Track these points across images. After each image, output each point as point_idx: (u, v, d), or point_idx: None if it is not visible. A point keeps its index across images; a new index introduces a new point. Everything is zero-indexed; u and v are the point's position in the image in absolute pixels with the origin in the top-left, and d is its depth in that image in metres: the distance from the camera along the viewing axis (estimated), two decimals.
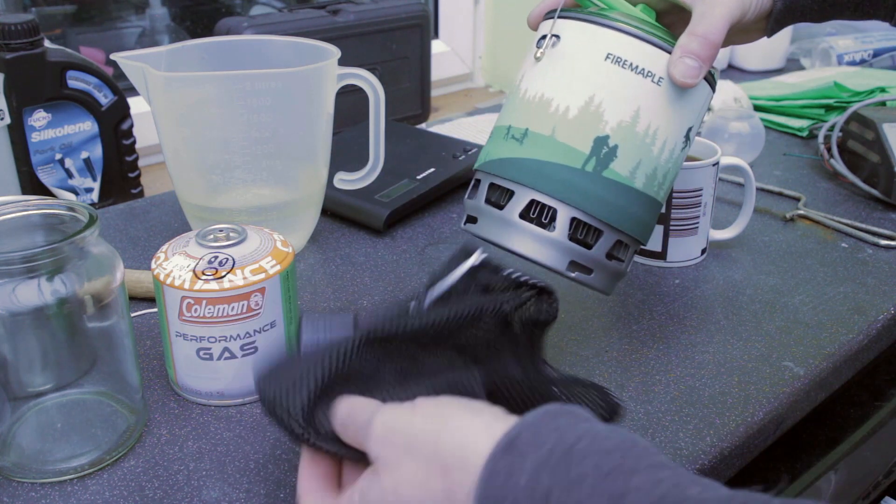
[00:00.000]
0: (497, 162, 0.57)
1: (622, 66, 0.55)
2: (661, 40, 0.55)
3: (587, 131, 0.55)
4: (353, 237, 0.85)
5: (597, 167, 0.54)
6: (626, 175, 0.55)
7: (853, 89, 1.19)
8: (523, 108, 0.57)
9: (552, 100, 0.55)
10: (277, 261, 0.59)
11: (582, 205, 0.55)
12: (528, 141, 0.55)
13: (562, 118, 0.55)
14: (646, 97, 0.55)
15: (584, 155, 0.54)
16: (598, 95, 0.55)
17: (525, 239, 0.56)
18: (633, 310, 0.72)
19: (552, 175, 0.55)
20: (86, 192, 0.97)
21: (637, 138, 0.55)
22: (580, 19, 0.56)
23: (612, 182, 0.55)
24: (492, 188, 0.57)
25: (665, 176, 0.57)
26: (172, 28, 1.46)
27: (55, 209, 0.54)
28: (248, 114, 0.72)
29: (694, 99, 0.57)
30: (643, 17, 0.57)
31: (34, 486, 0.53)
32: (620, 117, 0.55)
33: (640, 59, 0.55)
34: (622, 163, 0.55)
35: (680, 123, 0.57)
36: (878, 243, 0.83)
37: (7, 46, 0.87)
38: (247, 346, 0.58)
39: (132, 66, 0.72)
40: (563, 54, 0.56)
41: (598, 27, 0.56)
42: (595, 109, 0.55)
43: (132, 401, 0.57)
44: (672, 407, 0.60)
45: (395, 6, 1.18)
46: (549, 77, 0.56)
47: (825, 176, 1.01)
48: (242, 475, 0.54)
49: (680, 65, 0.54)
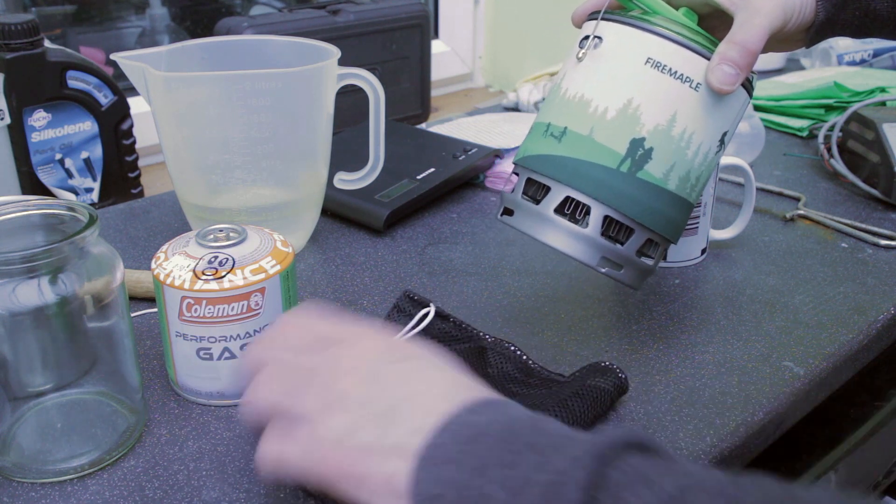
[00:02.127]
0: (535, 158, 0.58)
1: (661, 71, 0.56)
2: (700, 46, 0.56)
3: (624, 133, 0.56)
4: (353, 237, 0.85)
5: (632, 168, 0.56)
6: (659, 177, 0.57)
7: (853, 89, 1.19)
8: (563, 107, 0.58)
9: (591, 100, 0.57)
10: (277, 261, 0.59)
11: (615, 203, 0.56)
12: (567, 139, 0.57)
13: (600, 119, 0.56)
14: (683, 102, 0.56)
15: (619, 156, 0.56)
16: (636, 98, 0.56)
17: (559, 234, 0.57)
18: (633, 310, 0.72)
19: (588, 174, 0.56)
20: (86, 192, 0.97)
21: (672, 142, 0.56)
22: (623, 22, 0.58)
23: (645, 183, 0.56)
24: (529, 183, 0.59)
25: (698, 178, 0.59)
26: (172, 28, 1.46)
27: (55, 209, 0.54)
28: (248, 114, 0.72)
29: (730, 105, 0.58)
30: (684, 22, 0.57)
31: (34, 486, 0.53)
32: (657, 120, 0.56)
33: (679, 64, 0.56)
34: (656, 165, 0.56)
35: (715, 128, 0.58)
36: (878, 243, 0.83)
37: (7, 46, 0.87)
38: (247, 346, 0.58)
39: (132, 66, 0.72)
40: (605, 56, 0.58)
41: (640, 31, 0.57)
42: (633, 112, 0.56)
43: (132, 401, 0.57)
44: (672, 407, 0.60)
45: (395, 6, 1.18)
46: (590, 78, 0.58)
47: (825, 176, 1.01)
48: (242, 475, 0.53)
49: (718, 72, 0.55)
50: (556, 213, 0.57)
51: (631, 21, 0.57)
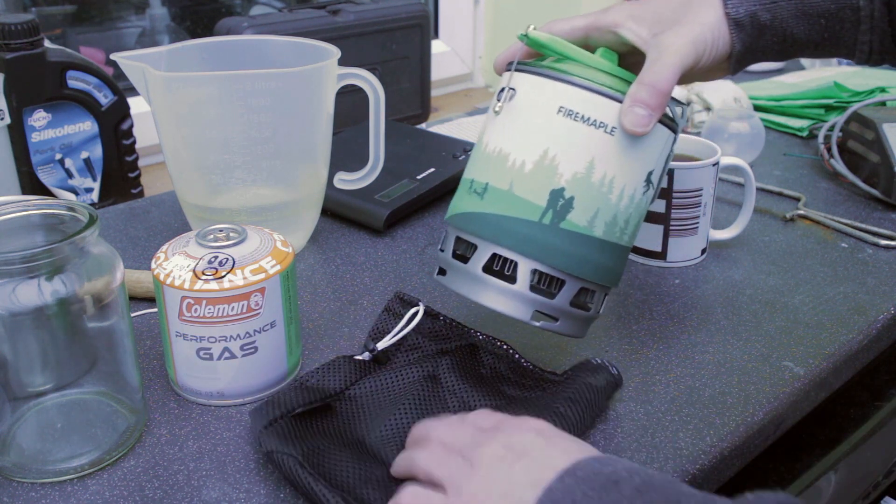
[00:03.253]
0: (462, 216, 0.58)
1: (574, 119, 0.55)
2: (610, 90, 0.56)
3: (543, 184, 0.55)
4: (353, 237, 0.85)
5: (554, 219, 0.55)
6: (584, 225, 0.56)
7: (853, 89, 1.19)
8: (484, 163, 0.58)
9: (509, 154, 0.57)
10: (277, 261, 0.59)
11: (541, 257, 0.56)
12: (489, 195, 0.57)
13: (518, 172, 0.56)
14: (599, 147, 0.55)
15: (540, 208, 0.55)
16: (552, 149, 0.55)
17: (489, 292, 0.57)
18: (633, 310, 0.72)
19: (511, 229, 0.56)
20: (86, 192, 0.97)
21: (593, 188, 0.56)
22: (532, 72, 0.57)
23: (570, 233, 0.56)
24: (458, 241, 0.59)
25: (627, 221, 0.58)
26: (172, 28, 1.46)
27: (55, 209, 0.54)
28: (248, 114, 0.72)
29: (651, 145, 0.57)
30: (599, 65, 0.57)
31: (34, 486, 0.53)
32: (575, 169, 0.55)
33: (590, 110, 0.55)
34: (579, 213, 0.56)
35: (638, 169, 0.57)
36: (878, 243, 0.83)
37: (7, 46, 0.87)
38: (247, 346, 0.58)
39: (132, 66, 0.72)
40: (519, 108, 0.57)
41: (549, 80, 0.56)
42: (549, 163, 0.55)
43: (132, 401, 0.57)
44: (672, 407, 0.60)
45: (395, 6, 1.18)
46: (507, 131, 0.57)
47: (825, 176, 1.01)
48: (242, 475, 0.54)
49: (630, 114, 0.55)
50: (485, 272, 0.57)
51: (540, 71, 0.57)
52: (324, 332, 0.69)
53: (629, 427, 0.58)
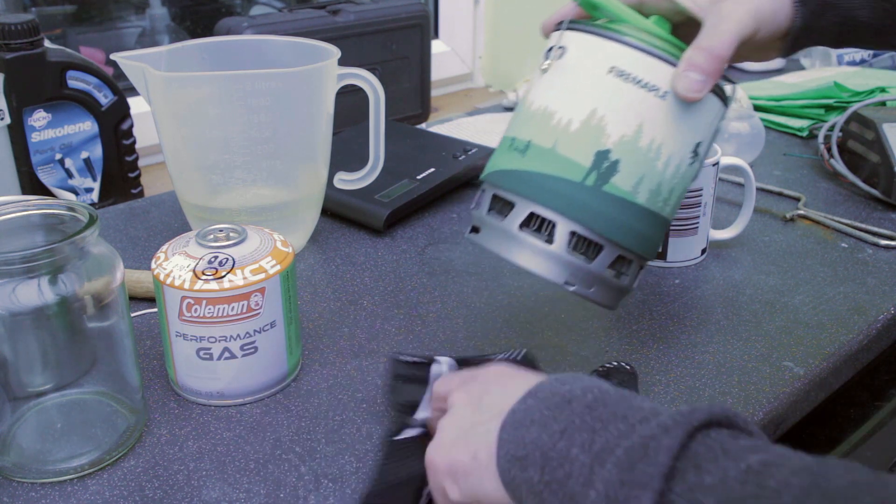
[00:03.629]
0: (500, 173, 0.56)
1: (625, 80, 0.53)
2: (666, 53, 0.54)
3: (588, 144, 0.54)
4: (353, 237, 0.85)
5: (597, 181, 0.53)
6: (627, 189, 0.54)
7: (853, 89, 1.19)
8: (527, 120, 0.56)
9: (555, 112, 0.55)
10: (277, 261, 0.59)
11: (581, 219, 0.54)
12: (530, 153, 0.55)
13: (563, 131, 0.54)
14: (649, 111, 0.54)
15: (584, 168, 0.53)
16: (600, 109, 0.54)
17: (524, 251, 0.55)
18: (633, 310, 0.72)
19: (552, 188, 0.54)
20: (86, 192, 0.97)
21: (640, 153, 0.54)
22: (585, 31, 0.55)
23: (612, 196, 0.54)
24: (494, 199, 0.57)
25: (671, 191, 0.56)
26: (172, 28, 1.46)
27: (55, 209, 0.54)
28: (248, 114, 0.72)
29: (702, 113, 0.55)
30: (652, 30, 0.55)
31: (34, 486, 0.53)
32: (623, 131, 0.53)
33: (643, 72, 0.53)
34: (624, 177, 0.54)
35: (686, 138, 0.55)
36: (878, 243, 0.83)
37: (7, 46, 0.87)
38: (247, 346, 0.58)
39: (132, 66, 0.72)
40: (568, 66, 0.55)
41: (602, 39, 0.54)
42: (597, 123, 0.53)
43: (132, 401, 0.57)
44: (672, 407, 0.60)
45: (395, 6, 1.18)
46: (553, 89, 0.55)
47: (825, 176, 1.01)
48: (242, 475, 0.54)
49: (684, 79, 0.53)
50: (521, 230, 0.55)
51: (593, 29, 0.55)
52: (324, 332, 0.69)
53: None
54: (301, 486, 0.53)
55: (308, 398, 0.61)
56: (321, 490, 0.52)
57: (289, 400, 0.61)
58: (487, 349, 0.66)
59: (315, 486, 0.53)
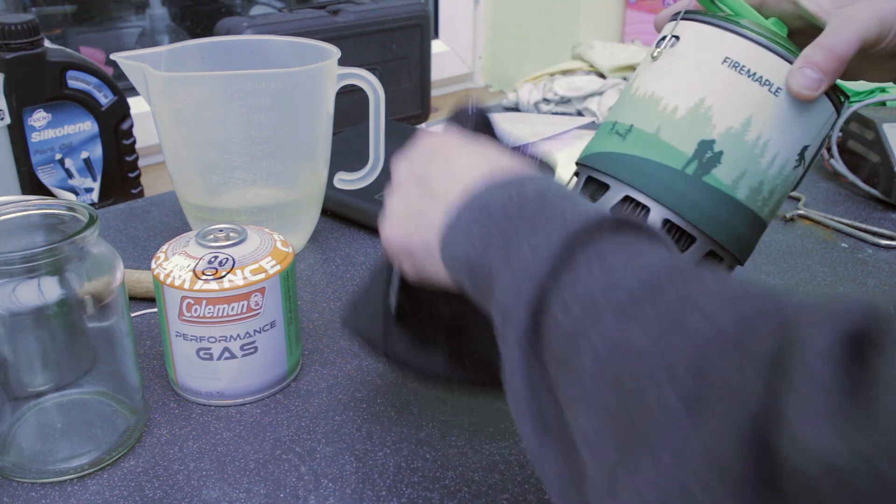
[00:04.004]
0: (597, 156, 0.55)
1: (738, 71, 0.52)
2: (784, 49, 0.52)
3: (693, 133, 0.52)
4: (353, 237, 0.85)
5: (698, 171, 0.52)
6: (728, 183, 0.52)
7: (853, 89, 1.19)
8: (631, 105, 0.55)
9: (661, 98, 0.54)
10: (277, 261, 0.59)
11: (677, 207, 0.52)
12: (631, 137, 0.54)
13: (669, 117, 0.53)
14: (760, 106, 0.52)
15: (686, 156, 0.52)
16: (709, 98, 0.52)
17: None
18: None
19: (650, 173, 0.52)
20: (86, 192, 0.97)
21: (745, 147, 0.52)
22: (702, 20, 0.55)
23: (712, 188, 0.52)
24: (588, 182, 0.56)
25: (772, 192, 0.54)
26: (172, 28, 1.46)
27: (55, 209, 0.54)
28: (248, 114, 0.72)
29: (813, 116, 0.53)
30: (771, 28, 0.54)
31: (34, 486, 0.53)
32: (730, 123, 0.52)
33: (758, 65, 0.52)
34: (725, 170, 0.52)
35: (795, 139, 0.53)
36: (878, 243, 0.83)
37: (7, 46, 0.87)
38: (247, 346, 0.58)
39: (132, 66, 0.72)
40: (680, 55, 0.54)
41: (718, 29, 0.54)
42: (704, 112, 0.52)
43: (132, 401, 0.57)
44: None
45: (395, 6, 1.18)
46: (663, 76, 0.54)
47: (825, 176, 1.01)
48: (242, 475, 0.54)
49: (799, 75, 0.51)
50: None
51: (710, 20, 0.54)
52: (324, 332, 0.69)
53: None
54: (301, 486, 0.53)
55: (308, 398, 0.61)
56: (321, 490, 0.52)
57: (289, 400, 0.61)
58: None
59: (315, 486, 0.53)
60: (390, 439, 0.57)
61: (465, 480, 0.53)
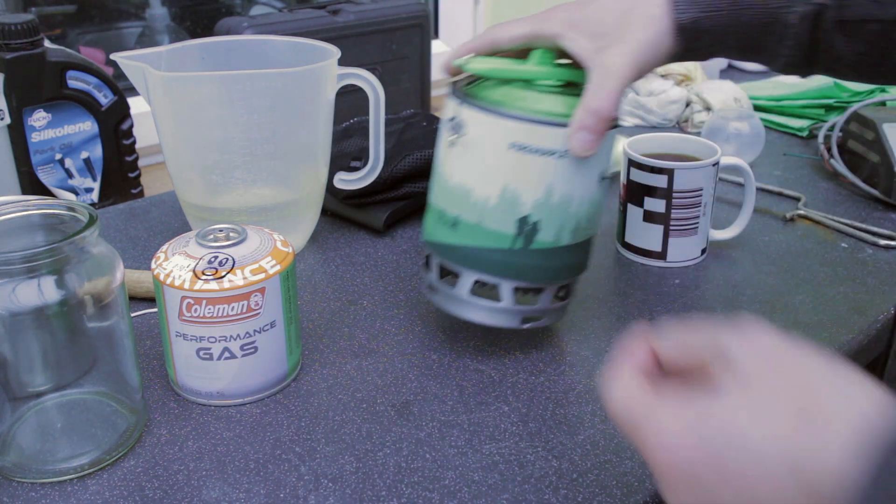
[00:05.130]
0: (440, 246, 0.63)
1: (526, 152, 0.58)
2: (556, 118, 0.58)
3: (509, 216, 0.60)
4: (353, 237, 0.85)
5: (524, 244, 0.60)
6: (551, 240, 0.60)
7: (853, 89, 1.19)
8: (449, 195, 0.62)
9: (472, 190, 0.60)
10: (277, 261, 0.59)
11: (519, 276, 0.61)
12: (461, 229, 0.61)
13: (484, 207, 0.60)
14: (554, 173, 0.59)
15: (510, 236, 0.60)
16: (511, 182, 0.59)
17: (478, 311, 0.63)
18: (633, 310, 0.72)
19: (488, 258, 0.61)
20: (86, 192, 0.97)
21: (555, 209, 0.60)
22: (479, 108, 0.59)
23: (541, 251, 0.61)
24: (441, 267, 0.64)
25: (590, 219, 0.62)
26: (172, 28, 1.46)
27: (55, 209, 0.54)
28: (248, 114, 0.72)
29: (599, 153, 0.59)
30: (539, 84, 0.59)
31: (34, 486, 0.53)
32: (535, 196, 0.59)
33: (540, 141, 0.58)
34: (546, 232, 0.60)
35: (591, 178, 0.60)
36: (878, 243, 0.83)
37: (7, 46, 0.87)
38: (247, 346, 0.58)
39: (132, 66, 0.72)
40: (472, 144, 0.60)
41: (496, 117, 0.58)
42: (511, 196, 0.59)
43: (132, 401, 0.57)
44: None
45: (395, 6, 1.18)
46: (465, 166, 0.60)
47: (825, 176, 1.01)
48: (242, 475, 0.54)
49: (576, 140, 0.58)
50: (471, 294, 0.62)
51: (487, 108, 0.59)
52: (324, 332, 0.69)
53: None
54: (301, 486, 0.53)
55: (308, 398, 0.61)
56: (321, 490, 0.52)
57: (289, 400, 0.61)
58: (488, 349, 0.66)
59: (315, 486, 0.53)
60: (390, 439, 0.57)
61: (465, 480, 0.53)
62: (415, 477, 0.53)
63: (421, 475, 0.54)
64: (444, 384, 0.62)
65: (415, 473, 0.54)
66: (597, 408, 0.60)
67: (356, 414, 0.59)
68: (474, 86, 0.61)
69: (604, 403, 0.42)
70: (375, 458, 0.55)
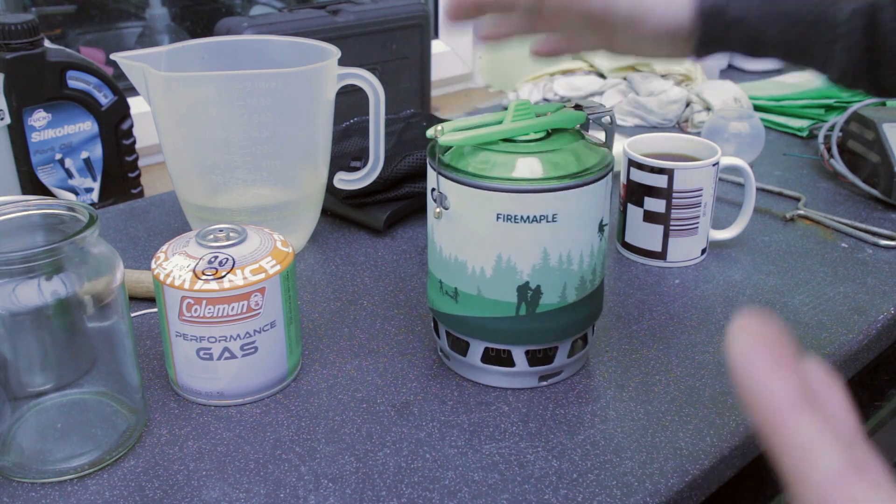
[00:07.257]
0: (444, 316, 0.62)
1: (514, 221, 0.56)
2: (539, 184, 0.55)
3: (507, 284, 0.58)
4: (353, 237, 0.85)
5: (528, 309, 0.58)
6: (556, 301, 0.59)
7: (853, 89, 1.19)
8: (446, 267, 0.60)
9: (466, 262, 0.58)
10: (277, 261, 0.59)
11: (529, 341, 0.60)
12: (462, 299, 0.60)
13: (481, 278, 0.58)
14: (547, 236, 0.57)
15: (512, 304, 0.58)
16: (504, 252, 0.57)
17: (493, 376, 0.62)
18: (633, 310, 0.72)
19: (494, 327, 0.59)
20: (86, 192, 0.97)
21: (554, 271, 0.58)
22: (459, 182, 0.56)
23: (547, 314, 0.59)
24: (449, 335, 0.63)
25: (594, 271, 0.60)
26: (172, 28, 1.46)
27: (55, 209, 0.54)
28: (248, 114, 0.72)
29: (594, 201, 0.57)
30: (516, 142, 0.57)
31: (34, 486, 0.53)
32: (532, 262, 0.57)
33: (526, 209, 0.56)
34: (550, 295, 0.58)
35: (589, 230, 0.58)
36: (878, 243, 0.83)
37: (7, 46, 0.87)
38: (247, 346, 0.58)
39: (132, 66, 0.72)
40: (458, 216, 0.58)
41: (478, 191, 0.56)
42: (507, 265, 0.57)
43: (132, 401, 0.57)
44: (672, 407, 0.60)
45: (395, 6, 1.18)
46: (455, 239, 0.58)
47: (825, 176, 1.01)
48: (242, 475, 0.54)
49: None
50: (484, 362, 0.61)
51: (467, 181, 0.56)
52: (324, 332, 0.69)
53: (629, 427, 0.58)
54: (301, 486, 0.53)
55: (308, 398, 0.61)
56: (321, 490, 0.52)
57: (289, 400, 0.61)
58: None
59: (315, 486, 0.53)
60: (390, 439, 0.57)
61: (465, 480, 0.53)
62: (415, 477, 0.53)
63: (421, 475, 0.54)
64: (444, 384, 0.62)
65: (415, 473, 0.54)
66: (597, 408, 0.60)
67: (356, 414, 0.59)
68: (453, 153, 0.58)
69: None
70: (375, 458, 0.55)
